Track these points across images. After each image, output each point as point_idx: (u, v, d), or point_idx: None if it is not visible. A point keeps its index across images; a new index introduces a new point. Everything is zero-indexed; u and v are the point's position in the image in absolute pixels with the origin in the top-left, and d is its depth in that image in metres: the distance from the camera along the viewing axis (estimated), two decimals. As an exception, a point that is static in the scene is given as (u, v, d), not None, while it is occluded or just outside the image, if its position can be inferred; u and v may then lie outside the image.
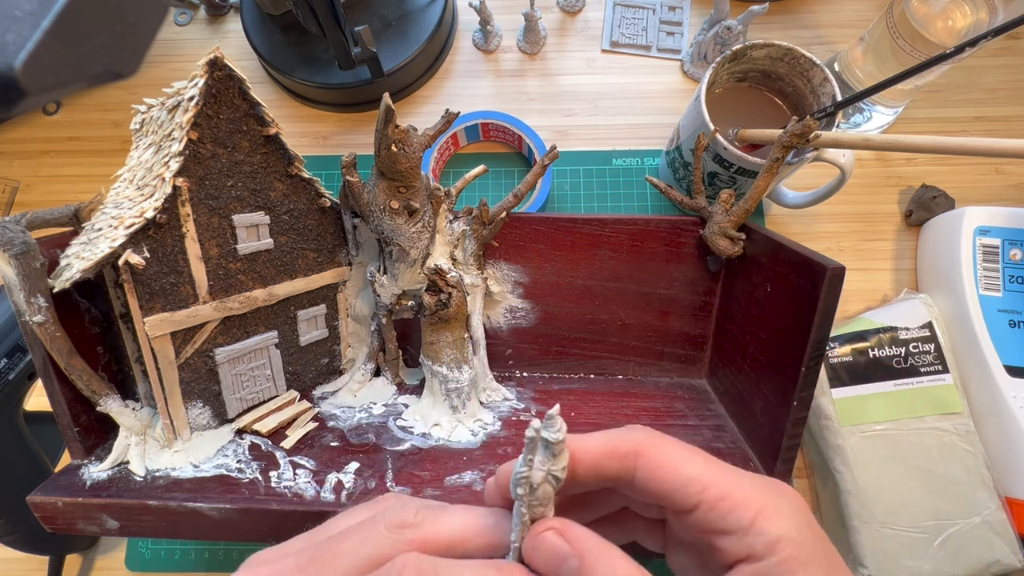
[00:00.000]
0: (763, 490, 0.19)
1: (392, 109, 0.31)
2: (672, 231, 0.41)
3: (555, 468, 0.19)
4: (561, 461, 0.19)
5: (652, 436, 0.20)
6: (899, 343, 0.42)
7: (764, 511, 0.18)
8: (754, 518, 0.18)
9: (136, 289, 0.29)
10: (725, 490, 0.19)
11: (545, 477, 0.18)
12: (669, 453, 0.19)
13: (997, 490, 0.39)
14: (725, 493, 0.19)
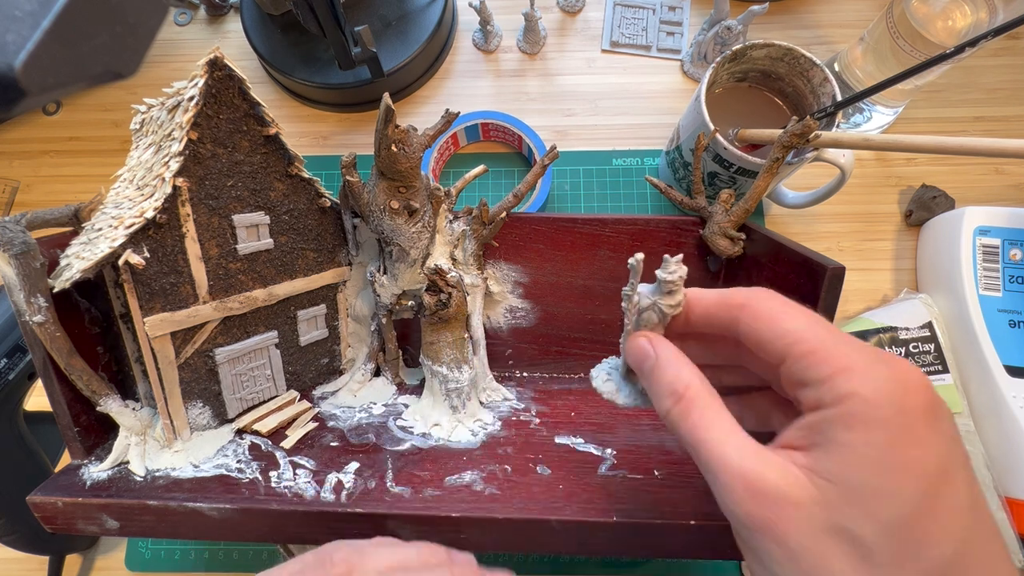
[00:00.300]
0: (861, 353, 0.18)
1: (392, 109, 0.31)
2: (672, 231, 0.41)
3: (663, 302, 0.23)
4: (671, 299, 0.23)
5: (761, 292, 0.21)
6: (899, 343, 0.42)
7: (849, 369, 0.18)
8: (834, 373, 0.18)
9: (136, 289, 0.29)
10: (815, 345, 0.19)
11: (652, 306, 0.23)
12: (772, 307, 0.20)
13: (997, 490, 0.39)
14: (814, 348, 0.19)
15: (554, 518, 0.28)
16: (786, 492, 0.18)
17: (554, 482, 0.31)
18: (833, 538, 0.18)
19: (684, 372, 0.21)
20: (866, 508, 0.17)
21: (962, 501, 0.17)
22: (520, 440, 0.35)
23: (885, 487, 0.17)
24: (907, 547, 0.17)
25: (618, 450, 0.33)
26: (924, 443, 0.17)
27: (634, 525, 0.28)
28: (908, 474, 0.17)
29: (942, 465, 0.17)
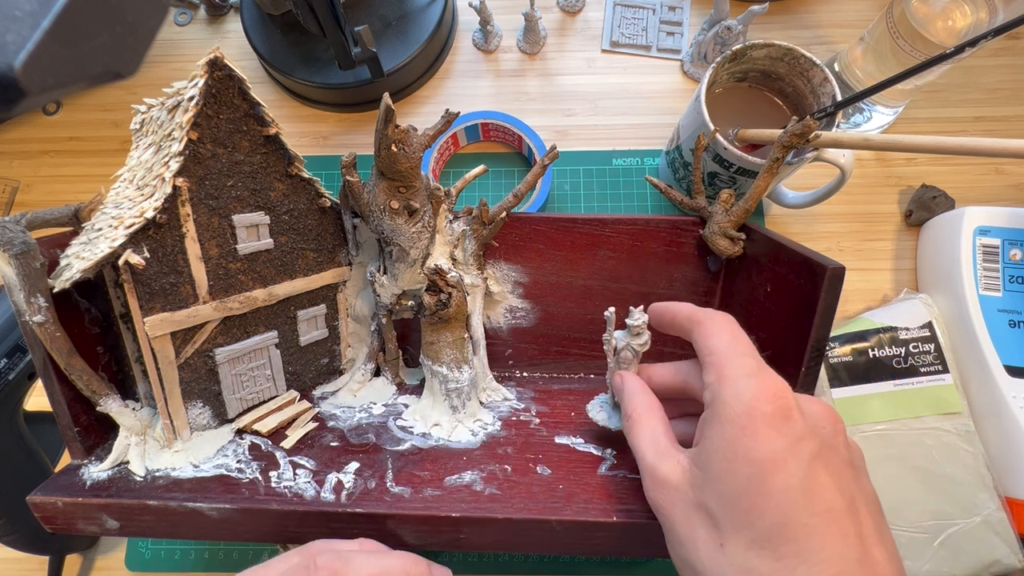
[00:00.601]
0: (742, 368, 0.24)
1: (392, 109, 0.31)
2: (672, 231, 0.41)
3: (633, 343, 0.30)
4: (639, 340, 0.30)
5: (718, 315, 0.27)
6: (899, 343, 0.42)
7: (724, 377, 0.24)
8: (716, 380, 0.24)
9: (136, 289, 0.29)
10: (717, 358, 0.25)
11: (626, 346, 0.30)
12: (711, 328, 0.26)
13: (997, 490, 0.39)
14: (716, 360, 0.25)
15: (554, 518, 0.28)
16: (670, 479, 0.25)
17: (554, 482, 0.31)
18: (698, 512, 0.23)
19: (635, 399, 0.29)
20: (715, 487, 0.22)
21: (791, 483, 0.21)
22: (520, 440, 0.35)
23: (727, 470, 0.22)
24: (742, 516, 0.22)
25: (618, 450, 0.33)
26: (760, 438, 0.22)
27: (634, 525, 0.28)
28: (743, 461, 0.22)
29: (774, 455, 0.21)
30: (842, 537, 0.20)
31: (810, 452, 0.22)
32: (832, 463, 0.22)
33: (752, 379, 0.23)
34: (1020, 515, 0.38)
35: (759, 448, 0.21)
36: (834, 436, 0.23)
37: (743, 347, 0.25)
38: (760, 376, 0.23)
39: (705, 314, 0.27)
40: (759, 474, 0.21)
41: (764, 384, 0.23)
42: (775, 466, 0.21)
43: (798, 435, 0.22)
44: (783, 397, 0.23)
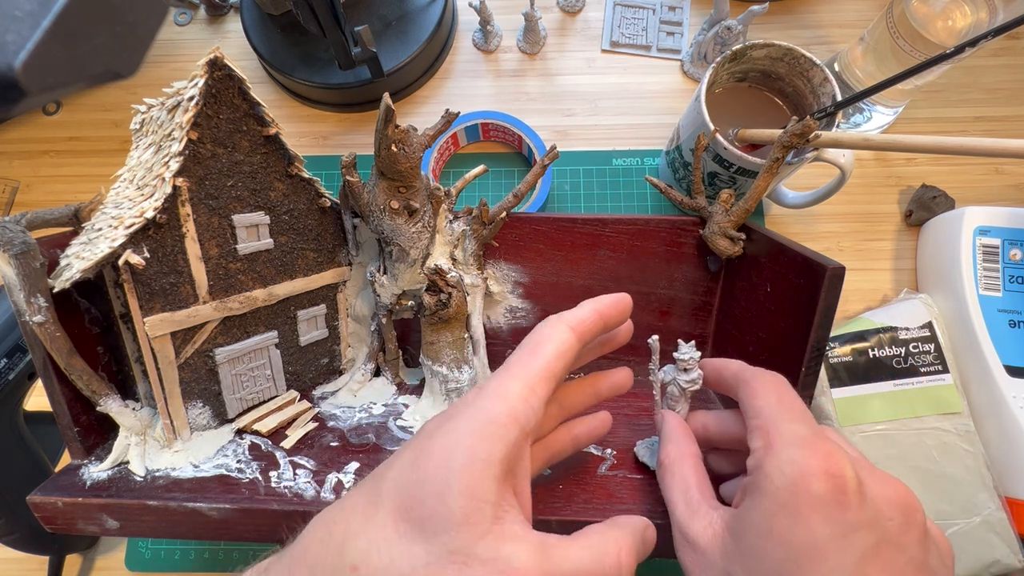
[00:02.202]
0: (792, 435, 0.22)
1: (392, 109, 0.31)
2: (672, 231, 0.41)
3: (680, 379, 0.28)
4: (687, 376, 0.28)
5: (768, 376, 0.25)
6: (899, 343, 0.42)
7: (771, 445, 0.22)
8: (763, 446, 0.22)
9: (136, 289, 0.29)
10: (764, 421, 0.23)
11: (673, 381, 0.28)
12: (758, 388, 0.24)
13: (997, 490, 0.39)
14: (762, 423, 0.23)
15: (554, 518, 0.28)
16: (700, 541, 0.23)
17: (554, 482, 0.31)
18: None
19: (669, 445, 0.27)
20: (746, 563, 0.21)
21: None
22: (520, 440, 0.35)
23: (760, 548, 0.20)
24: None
25: (618, 450, 0.33)
26: (802, 521, 0.19)
27: (634, 525, 0.28)
28: (779, 543, 0.20)
29: (815, 544, 0.19)
30: None
31: (863, 547, 0.19)
32: (893, 564, 0.19)
33: (802, 450, 0.21)
34: (1020, 515, 0.38)
35: (798, 533, 0.19)
36: (903, 531, 0.20)
37: (793, 411, 0.23)
38: (812, 447, 0.21)
39: (753, 373, 0.26)
40: (794, 562, 0.19)
41: (816, 457, 0.20)
42: (815, 557, 0.19)
43: (851, 525, 0.19)
44: (839, 475, 0.20)
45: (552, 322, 0.24)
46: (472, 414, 0.21)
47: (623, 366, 0.30)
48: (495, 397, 0.21)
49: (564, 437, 0.28)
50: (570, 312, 0.25)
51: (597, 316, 0.25)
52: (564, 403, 0.28)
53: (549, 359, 0.22)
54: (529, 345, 0.23)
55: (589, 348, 0.28)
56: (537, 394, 0.21)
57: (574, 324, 0.24)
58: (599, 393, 0.29)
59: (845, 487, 0.20)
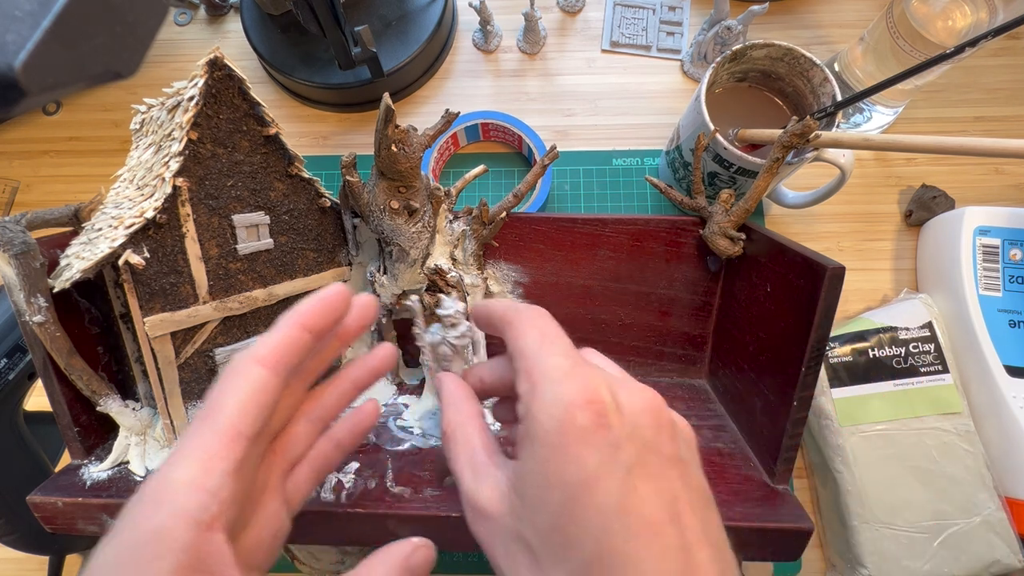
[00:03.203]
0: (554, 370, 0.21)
1: (392, 109, 0.31)
2: (672, 231, 0.41)
3: (450, 335, 0.26)
4: (455, 332, 0.26)
5: (529, 311, 0.24)
6: (899, 343, 0.42)
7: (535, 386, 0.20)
8: (529, 389, 0.21)
9: (136, 289, 0.29)
10: (528, 361, 0.21)
11: (443, 341, 0.26)
12: (519, 326, 0.23)
13: (997, 490, 0.39)
14: (527, 365, 0.21)
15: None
16: (488, 507, 0.21)
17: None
18: (517, 545, 0.20)
19: (449, 413, 0.24)
20: (532, 518, 0.20)
21: (606, 504, 0.18)
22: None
23: (540, 498, 0.19)
24: (557, 550, 0.19)
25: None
26: (572, 458, 0.19)
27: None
28: (555, 486, 0.19)
29: (586, 475, 0.19)
30: (662, 553, 0.18)
31: (627, 462, 0.19)
32: (653, 467, 0.19)
33: (561, 384, 0.20)
34: (1020, 515, 0.38)
35: (571, 471, 0.19)
36: (656, 433, 0.20)
37: (554, 344, 0.22)
38: (572, 378, 0.20)
39: (515, 311, 0.24)
40: (571, 500, 0.19)
41: (576, 387, 0.20)
42: (588, 488, 0.18)
43: (614, 444, 0.19)
44: (598, 400, 0.20)
45: (236, 364, 0.21)
46: (127, 536, 0.19)
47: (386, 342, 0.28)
48: (152, 503, 0.19)
49: (326, 449, 0.26)
50: (263, 339, 0.22)
51: (299, 331, 0.22)
52: (317, 413, 0.26)
53: (232, 419, 0.20)
54: (208, 405, 0.20)
55: (318, 353, 0.25)
56: (218, 470, 0.19)
57: (265, 357, 0.21)
58: (359, 383, 0.27)
59: (604, 410, 0.19)
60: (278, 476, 0.24)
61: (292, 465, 0.25)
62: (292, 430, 0.25)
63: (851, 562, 0.40)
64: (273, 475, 0.24)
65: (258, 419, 0.20)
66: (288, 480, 0.24)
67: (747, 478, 0.32)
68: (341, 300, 0.23)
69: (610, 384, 0.20)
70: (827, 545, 0.43)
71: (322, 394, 0.26)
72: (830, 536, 0.42)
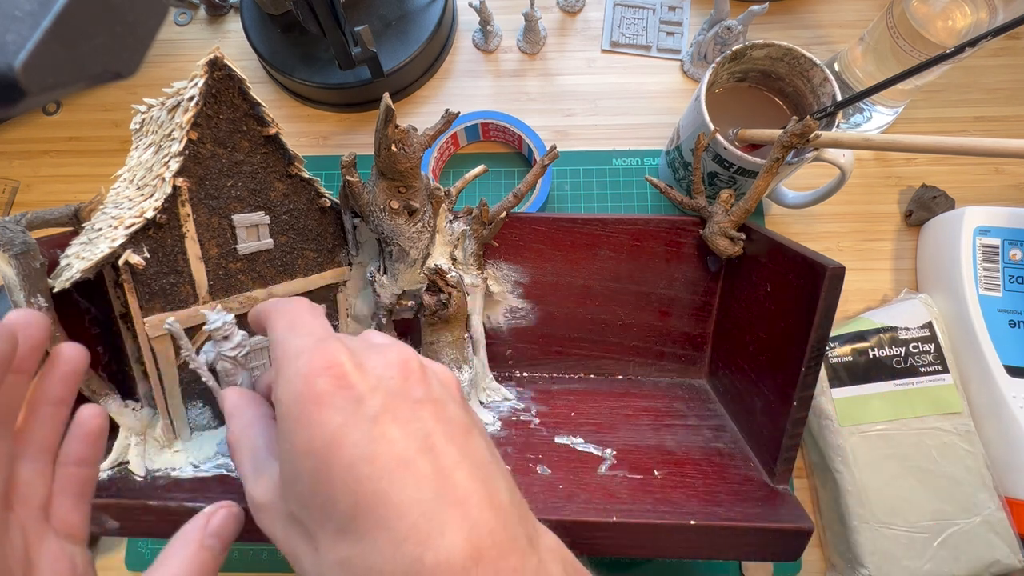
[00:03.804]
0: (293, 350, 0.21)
1: (392, 109, 0.31)
2: (672, 231, 0.41)
3: (225, 349, 0.25)
4: (229, 344, 0.25)
5: (279, 303, 0.24)
6: (899, 343, 0.42)
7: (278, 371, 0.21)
8: (276, 375, 0.21)
9: (136, 289, 0.29)
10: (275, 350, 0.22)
11: (219, 356, 0.26)
12: (272, 319, 0.23)
13: (997, 490, 0.39)
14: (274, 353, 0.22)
15: (554, 518, 0.28)
16: (263, 498, 0.22)
17: (554, 482, 0.31)
18: (291, 525, 0.21)
19: (232, 425, 0.25)
20: (293, 493, 0.20)
21: (355, 455, 0.18)
22: (520, 440, 0.35)
23: (294, 472, 0.20)
24: (320, 514, 0.19)
25: (618, 450, 0.33)
26: (314, 422, 0.19)
27: (634, 525, 0.28)
28: (304, 456, 0.19)
29: (330, 436, 0.19)
30: (415, 482, 0.18)
31: (373, 412, 0.19)
32: (401, 411, 0.19)
33: (301, 358, 0.20)
34: (1020, 515, 0.39)
35: (315, 434, 0.19)
36: (403, 382, 0.20)
37: (300, 328, 0.22)
38: (312, 352, 0.20)
39: (271, 305, 0.24)
40: (321, 462, 0.19)
41: (315, 360, 0.20)
42: (335, 446, 0.18)
43: (357, 399, 0.19)
44: (335, 364, 0.20)
45: None
46: None
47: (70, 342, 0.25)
48: None
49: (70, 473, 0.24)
50: None
51: None
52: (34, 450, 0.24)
53: None
54: None
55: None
56: None
57: None
58: (61, 399, 0.24)
59: (343, 372, 0.20)
60: (35, 523, 0.23)
61: (43, 506, 0.23)
62: (19, 477, 0.23)
63: (851, 562, 0.40)
64: (29, 526, 0.22)
65: None
66: (52, 519, 0.23)
67: (747, 478, 0.32)
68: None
69: (353, 350, 0.21)
70: (827, 545, 0.43)
71: (30, 428, 0.24)
72: (830, 536, 0.42)
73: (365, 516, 0.18)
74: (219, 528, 0.23)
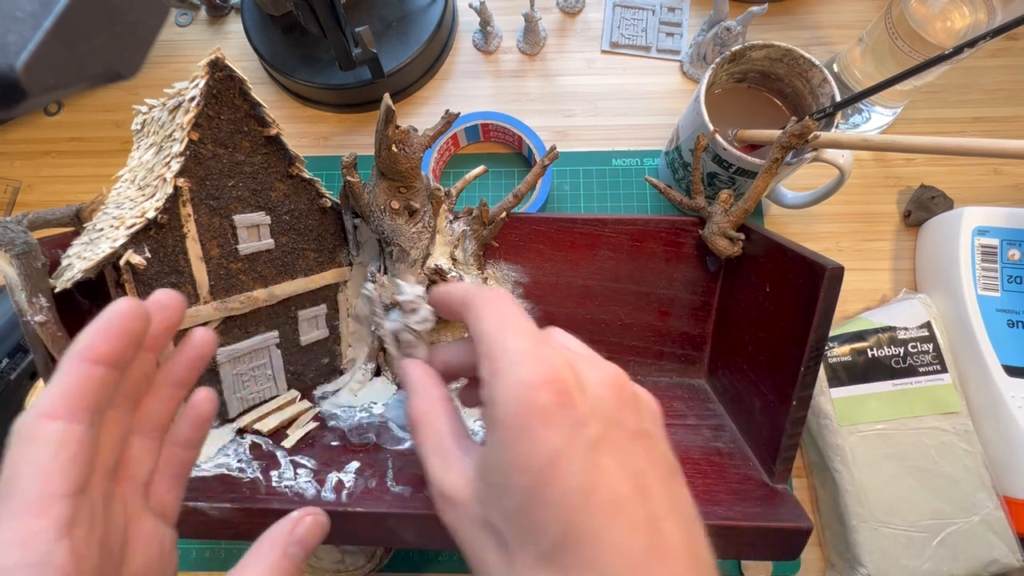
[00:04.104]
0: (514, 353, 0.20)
1: (392, 110, 0.31)
2: (672, 231, 0.41)
3: (411, 321, 0.25)
4: (416, 317, 0.25)
5: (485, 293, 0.23)
6: (898, 343, 0.42)
7: (497, 371, 0.20)
8: (492, 373, 0.20)
9: (137, 289, 0.29)
10: (489, 345, 0.21)
11: (403, 328, 0.25)
12: (480, 310, 0.22)
13: (995, 489, 0.39)
14: (488, 348, 0.21)
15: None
16: (456, 493, 0.21)
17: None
18: (485, 531, 0.20)
19: (415, 400, 0.25)
20: (497, 503, 0.20)
21: (571, 484, 0.18)
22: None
23: (505, 484, 0.19)
24: (524, 533, 0.19)
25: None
26: (537, 440, 0.18)
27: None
28: (520, 470, 0.19)
29: (551, 457, 0.18)
30: (630, 527, 0.18)
31: (591, 439, 0.19)
32: (618, 442, 0.19)
33: (523, 365, 0.19)
34: (1018, 514, 0.39)
35: (536, 454, 0.18)
36: (619, 408, 0.20)
37: (515, 325, 0.21)
38: (532, 359, 0.20)
39: (476, 295, 0.23)
40: (537, 483, 0.18)
41: (537, 368, 0.19)
42: (553, 470, 0.18)
43: (578, 422, 0.19)
44: (559, 379, 0.19)
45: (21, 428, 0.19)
46: None
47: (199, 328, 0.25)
48: None
49: (174, 452, 0.25)
50: (47, 388, 0.19)
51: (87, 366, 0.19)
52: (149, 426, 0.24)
53: (37, 488, 0.18)
54: (4, 481, 0.18)
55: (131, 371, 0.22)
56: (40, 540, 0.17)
57: (54, 409, 0.19)
58: (183, 381, 0.25)
59: (566, 388, 0.19)
60: (136, 499, 0.23)
61: (146, 483, 0.23)
62: (130, 452, 0.23)
63: (850, 561, 0.40)
64: (130, 501, 0.23)
65: (72, 473, 0.18)
66: (150, 498, 0.23)
67: (746, 477, 0.33)
68: (126, 318, 0.20)
69: (571, 362, 0.20)
70: (826, 544, 0.43)
71: (148, 406, 0.24)
72: (829, 535, 0.42)
73: (574, 550, 0.18)
74: (304, 536, 0.23)
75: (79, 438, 0.19)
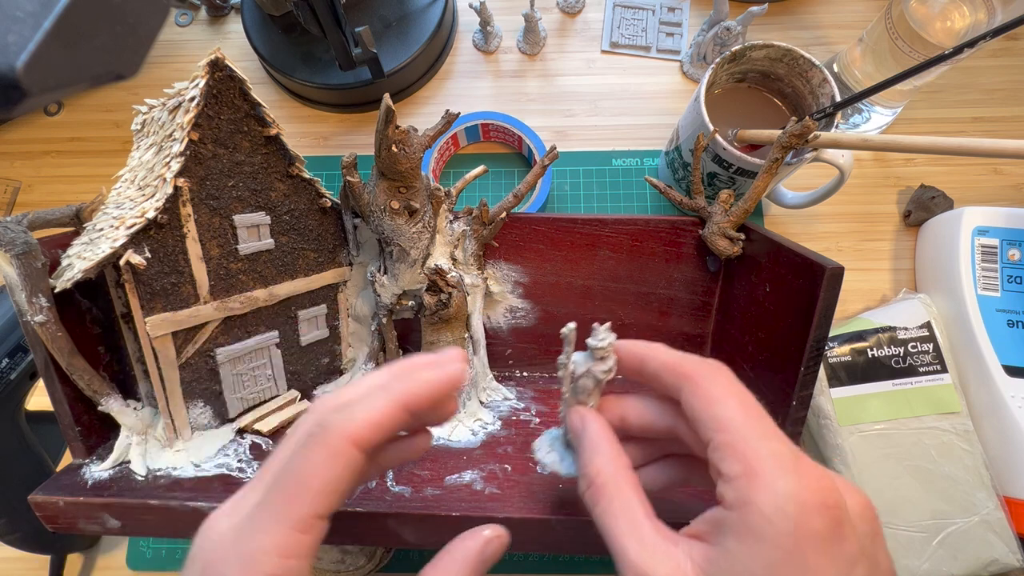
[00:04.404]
0: (775, 458, 0.19)
1: (392, 110, 0.31)
2: (672, 231, 0.41)
3: (596, 369, 0.23)
4: (603, 365, 0.23)
5: (712, 368, 0.21)
6: (898, 343, 0.42)
7: (755, 474, 0.18)
8: (742, 473, 0.19)
9: (137, 289, 0.29)
10: (735, 439, 0.19)
11: (586, 373, 0.24)
12: (711, 388, 0.21)
13: (995, 489, 0.39)
14: (733, 441, 0.19)
15: (554, 517, 0.28)
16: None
17: (554, 481, 0.31)
18: None
19: (599, 458, 0.22)
20: None
21: None
22: (520, 439, 0.35)
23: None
24: None
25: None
26: (806, 569, 0.17)
27: (634, 524, 0.28)
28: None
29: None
30: None
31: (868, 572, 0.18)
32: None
33: (791, 479, 0.18)
34: (1018, 514, 0.39)
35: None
36: (873, 542, 0.19)
37: (763, 422, 0.20)
38: (802, 475, 0.18)
39: (695, 366, 0.21)
40: None
41: (808, 487, 0.18)
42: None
43: (850, 561, 0.18)
44: (834, 505, 0.18)
45: (329, 438, 0.19)
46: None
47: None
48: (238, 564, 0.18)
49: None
50: (360, 408, 0.20)
51: (401, 412, 0.20)
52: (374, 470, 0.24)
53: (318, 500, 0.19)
54: (293, 468, 0.19)
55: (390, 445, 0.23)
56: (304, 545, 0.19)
57: (363, 439, 0.19)
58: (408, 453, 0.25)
59: (841, 518, 0.18)
60: None
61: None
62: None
63: (850, 561, 0.40)
64: None
65: (342, 499, 0.20)
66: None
67: (746, 477, 0.33)
68: (454, 383, 0.21)
69: (836, 483, 0.19)
70: (826, 544, 0.43)
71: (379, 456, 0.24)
72: (829, 535, 0.42)
73: None
74: (492, 556, 0.22)
75: (361, 469, 0.19)
